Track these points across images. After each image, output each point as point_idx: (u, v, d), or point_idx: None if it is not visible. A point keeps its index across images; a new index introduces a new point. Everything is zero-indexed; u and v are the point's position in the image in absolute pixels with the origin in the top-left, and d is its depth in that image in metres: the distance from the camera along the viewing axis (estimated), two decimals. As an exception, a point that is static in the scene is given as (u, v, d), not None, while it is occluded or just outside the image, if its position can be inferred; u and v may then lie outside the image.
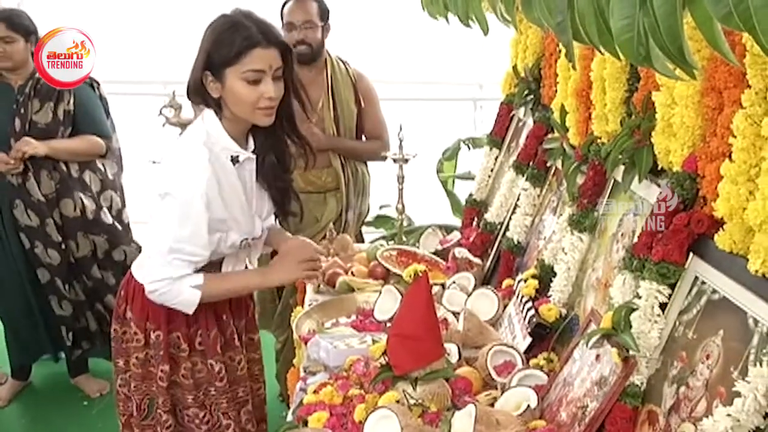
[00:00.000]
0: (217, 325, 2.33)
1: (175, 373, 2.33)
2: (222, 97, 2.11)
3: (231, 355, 2.40)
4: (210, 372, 2.34)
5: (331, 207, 3.50)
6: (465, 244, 2.81)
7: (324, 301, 2.60)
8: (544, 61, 2.58)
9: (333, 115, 3.47)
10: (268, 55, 2.07)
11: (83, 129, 3.56)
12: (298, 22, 3.36)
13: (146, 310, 2.29)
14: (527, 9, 1.26)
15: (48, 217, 3.52)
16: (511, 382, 1.91)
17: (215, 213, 2.13)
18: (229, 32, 2.08)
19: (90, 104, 3.58)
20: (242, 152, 2.18)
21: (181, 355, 2.31)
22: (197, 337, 2.32)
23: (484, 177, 3.03)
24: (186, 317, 2.27)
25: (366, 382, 1.94)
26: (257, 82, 2.07)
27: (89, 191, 3.62)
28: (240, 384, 2.44)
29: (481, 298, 2.38)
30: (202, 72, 2.10)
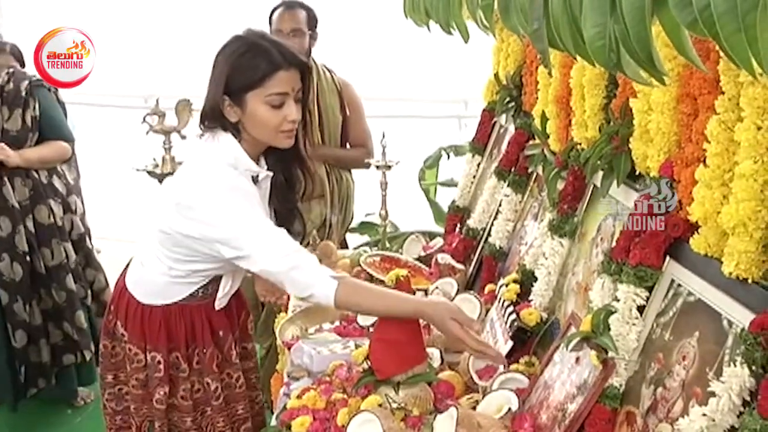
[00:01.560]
0: (213, 343, 2.29)
1: (174, 396, 2.28)
2: (241, 121, 2.06)
3: (229, 372, 2.35)
4: (206, 391, 2.30)
5: (316, 213, 3.52)
6: (448, 250, 2.83)
7: (307, 307, 2.60)
8: (525, 69, 2.61)
9: (318, 122, 3.49)
10: (291, 78, 2.03)
11: (48, 134, 3.54)
12: (286, 30, 3.37)
13: (145, 331, 2.24)
14: (505, 16, 1.28)
15: (20, 225, 3.49)
16: (492, 385, 1.93)
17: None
18: (249, 55, 2.02)
19: (53, 109, 3.57)
20: (261, 171, 2.15)
21: (180, 376, 2.26)
22: (195, 356, 2.28)
23: (466, 183, 3.05)
24: (185, 336, 2.24)
25: (349, 387, 1.95)
26: (281, 105, 2.03)
27: (59, 197, 3.61)
28: (239, 401, 2.38)
29: (463, 303, 2.39)
30: (220, 97, 2.04)
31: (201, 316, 2.25)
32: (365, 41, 4.62)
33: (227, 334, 2.33)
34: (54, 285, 3.61)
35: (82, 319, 3.68)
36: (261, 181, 2.16)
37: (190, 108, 3.43)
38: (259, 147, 2.13)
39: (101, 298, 3.89)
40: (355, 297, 1.96)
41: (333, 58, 3.70)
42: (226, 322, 2.33)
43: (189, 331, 2.25)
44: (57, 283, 3.62)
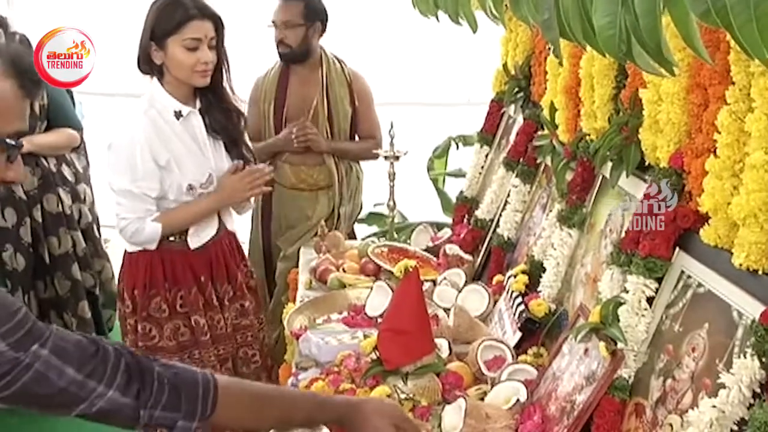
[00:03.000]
0: (196, 285, 2.63)
1: (161, 337, 2.60)
2: (164, 63, 2.50)
3: (211, 315, 2.67)
4: (194, 330, 2.61)
5: (323, 205, 3.52)
6: (456, 241, 2.82)
7: (315, 298, 2.61)
8: (533, 59, 2.60)
9: (327, 114, 3.48)
10: (203, 26, 2.47)
11: (57, 122, 3.54)
12: (279, 22, 3.39)
13: (131, 275, 2.63)
14: (515, 6, 1.28)
15: (26, 216, 3.49)
16: (500, 376, 1.92)
17: (156, 156, 2.48)
18: (170, 7, 2.47)
19: (61, 98, 3.57)
20: (184, 108, 2.55)
21: (162, 317, 2.60)
22: (178, 300, 2.62)
23: (474, 174, 3.05)
24: (165, 280, 2.60)
25: (357, 377, 1.95)
26: (195, 49, 2.46)
27: (68, 185, 3.61)
28: (221, 342, 2.69)
29: (471, 294, 2.40)
30: (147, 43, 2.49)
31: (182, 260, 2.63)
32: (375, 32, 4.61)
33: (208, 279, 2.67)
34: (58, 274, 3.61)
35: (85, 308, 3.68)
36: (186, 116, 2.56)
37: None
38: (181, 88, 2.55)
39: (107, 288, 3.89)
40: (175, 220, 2.57)
41: (343, 47, 3.69)
42: (208, 269, 2.67)
43: (170, 274, 2.62)
44: (62, 272, 3.62)
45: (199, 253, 2.65)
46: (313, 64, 3.49)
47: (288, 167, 3.54)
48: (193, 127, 2.58)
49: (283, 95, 3.53)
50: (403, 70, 4.65)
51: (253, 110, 3.61)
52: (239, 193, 2.67)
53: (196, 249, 2.64)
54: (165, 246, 2.60)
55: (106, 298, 3.92)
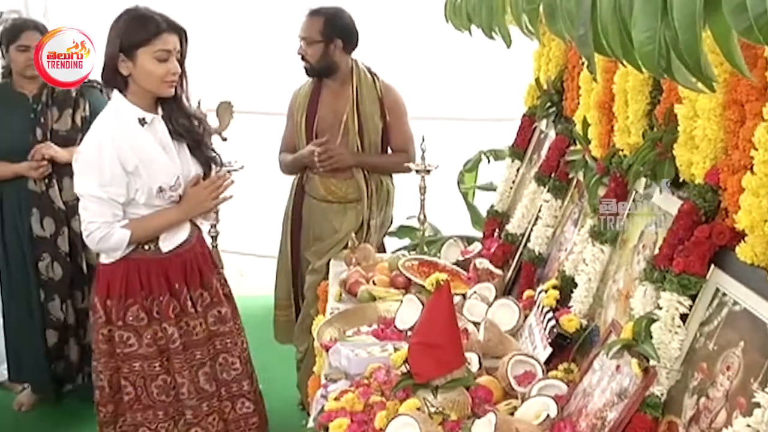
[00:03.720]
0: (169, 292, 2.71)
1: (140, 344, 2.68)
2: (132, 74, 2.58)
3: (187, 321, 2.75)
4: (165, 336, 2.70)
5: (350, 218, 3.52)
6: (486, 255, 2.82)
7: (345, 310, 2.62)
8: (566, 74, 2.60)
9: (357, 128, 3.49)
10: (172, 39, 2.58)
11: None
12: (300, 38, 3.42)
13: (106, 286, 2.68)
14: (551, 21, 1.27)
15: (64, 226, 3.54)
16: (531, 391, 1.92)
17: (124, 162, 2.55)
18: (141, 20, 2.57)
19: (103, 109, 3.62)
20: (147, 115, 2.63)
21: (141, 325, 2.68)
22: (154, 307, 2.69)
23: (505, 188, 3.04)
24: (141, 288, 2.67)
25: (387, 390, 1.95)
26: (165, 60, 2.56)
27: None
28: (198, 347, 2.78)
29: (502, 308, 2.39)
30: (116, 54, 2.56)
31: (156, 267, 2.70)
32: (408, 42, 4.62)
33: (183, 286, 2.74)
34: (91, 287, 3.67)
35: None
36: (150, 123, 2.63)
37: (232, 110, 3.45)
38: (146, 97, 2.63)
39: None
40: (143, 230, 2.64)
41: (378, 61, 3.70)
42: (182, 276, 2.74)
43: (146, 282, 2.69)
44: None
45: (173, 260, 2.73)
46: (344, 78, 3.50)
47: (318, 179, 3.55)
48: (158, 132, 2.66)
49: (314, 109, 3.55)
50: (435, 84, 4.65)
51: (289, 123, 3.65)
52: (204, 203, 2.76)
53: (168, 253, 2.71)
54: (139, 255, 2.68)
55: None
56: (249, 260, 5.59)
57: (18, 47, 3.44)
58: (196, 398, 2.77)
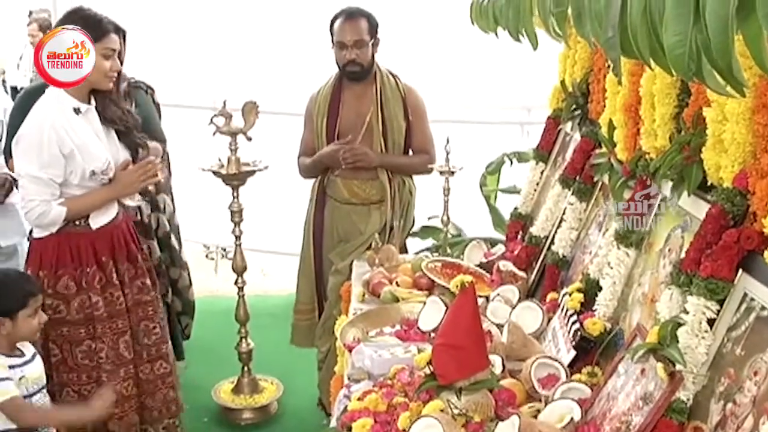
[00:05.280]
0: (96, 264, 2.92)
1: (68, 311, 2.90)
2: None
3: (111, 291, 2.97)
4: (92, 305, 2.91)
5: (375, 219, 3.53)
6: (509, 257, 2.81)
7: (368, 311, 2.62)
8: (592, 76, 2.59)
9: (381, 129, 3.50)
10: (116, 40, 2.84)
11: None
12: (350, 42, 3.39)
13: (38, 258, 2.90)
14: (578, 24, 1.27)
15: None
16: (554, 394, 1.91)
17: (61, 145, 2.74)
18: (91, 20, 2.80)
19: (149, 110, 3.67)
20: (82, 105, 2.83)
21: (70, 293, 2.89)
22: (83, 277, 2.91)
23: (529, 191, 3.03)
24: (71, 260, 2.89)
25: (410, 391, 1.96)
26: (109, 58, 2.81)
27: (147, 195, 3.69)
28: (120, 317, 2.99)
29: (525, 311, 2.39)
30: None
31: (85, 242, 2.91)
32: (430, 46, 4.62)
33: (109, 260, 2.96)
34: None
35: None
36: (84, 113, 2.84)
37: (257, 110, 3.47)
38: (82, 89, 2.82)
39: (184, 295, 3.97)
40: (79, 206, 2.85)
41: (397, 62, 3.71)
42: (109, 251, 2.96)
43: (75, 255, 2.90)
44: None
45: (101, 235, 2.95)
46: (368, 79, 3.51)
47: (340, 181, 3.56)
48: (91, 121, 2.89)
49: (335, 111, 3.55)
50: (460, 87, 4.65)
51: (308, 126, 3.65)
52: (133, 184, 2.98)
53: (98, 229, 2.93)
54: (71, 230, 2.89)
55: (184, 305, 4.00)
56: (271, 258, 5.62)
57: None
58: (114, 363, 2.99)
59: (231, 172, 3.49)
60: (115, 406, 2.95)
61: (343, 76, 3.54)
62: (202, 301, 4.22)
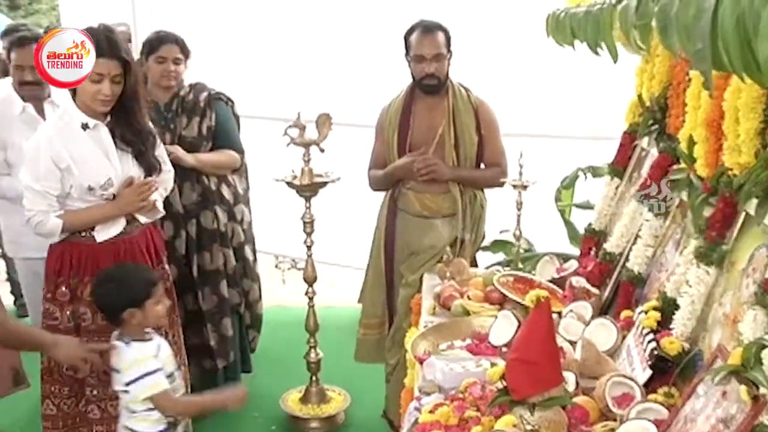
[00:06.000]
0: (91, 275, 2.92)
1: (61, 320, 2.96)
2: (76, 88, 2.85)
3: None
4: (81, 316, 2.96)
5: (445, 233, 3.51)
6: (582, 273, 2.77)
7: (439, 324, 2.62)
8: (671, 90, 2.54)
9: (453, 142, 3.49)
10: (107, 64, 2.80)
11: (221, 144, 3.73)
12: (428, 56, 3.39)
13: (46, 266, 3.00)
14: (664, 36, 1.26)
15: (182, 229, 3.66)
16: (629, 414, 1.87)
17: (57, 160, 2.82)
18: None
19: (228, 121, 3.76)
20: (91, 121, 2.89)
21: (64, 301, 2.96)
22: (79, 287, 2.95)
23: (604, 206, 2.98)
24: (70, 269, 2.95)
25: (482, 405, 1.94)
26: (98, 82, 2.80)
27: (225, 204, 3.76)
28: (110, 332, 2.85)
29: (599, 328, 2.35)
30: None
31: (87, 252, 2.95)
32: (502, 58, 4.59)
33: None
34: (206, 289, 3.75)
35: (228, 326, 3.81)
36: (93, 128, 2.90)
37: (330, 122, 3.50)
38: (89, 108, 2.89)
39: (254, 308, 4.02)
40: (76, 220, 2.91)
41: (469, 74, 3.70)
42: (111, 263, 2.94)
43: (75, 264, 2.96)
44: (210, 287, 3.75)
45: (105, 248, 2.98)
46: (441, 92, 3.51)
47: (412, 194, 3.56)
48: (101, 137, 2.93)
49: (407, 123, 3.55)
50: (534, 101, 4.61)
51: (379, 139, 3.67)
52: (132, 203, 2.99)
53: (102, 242, 2.97)
54: (74, 240, 2.96)
55: (253, 318, 4.05)
56: (338, 271, 5.65)
57: (156, 58, 3.61)
58: (99, 380, 2.95)
59: (304, 183, 3.53)
60: (99, 423, 3.02)
61: (415, 88, 3.54)
62: (270, 311, 4.27)
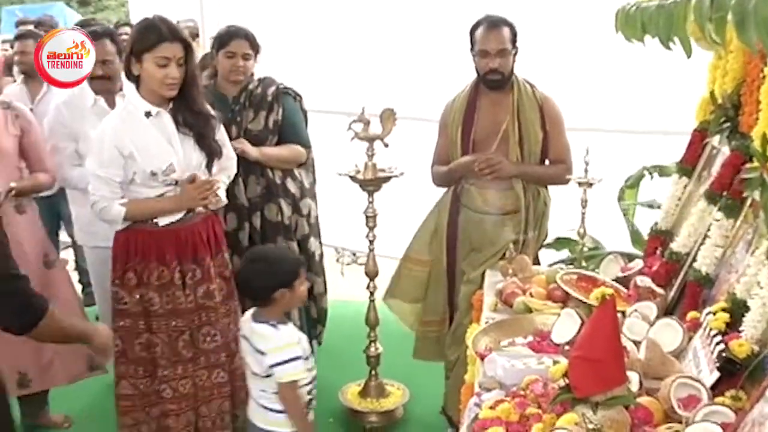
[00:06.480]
0: (157, 261, 3.08)
1: (130, 303, 3.09)
2: (140, 74, 2.98)
3: (173, 291, 3.11)
4: (149, 300, 3.08)
5: (508, 230, 3.49)
6: (648, 273, 2.73)
7: (501, 320, 2.61)
8: (744, 87, 2.48)
9: (518, 138, 3.46)
10: (172, 48, 2.93)
11: (287, 138, 3.77)
12: (493, 51, 3.37)
13: (113, 252, 3.13)
14: (740, 29, 1.23)
15: (246, 221, 3.72)
16: (695, 416, 1.84)
17: (120, 147, 2.95)
18: (147, 30, 2.95)
19: (295, 116, 3.80)
20: (154, 108, 3.01)
21: (131, 285, 3.08)
22: (144, 272, 3.08)
23: (671, 205, 2.93)
24: (135, 255, 3.08)
25: (543, 403, 1.93)
26: (165, 66, 2.92)
27: (290, 197, 3.80)
28: (180, 316, 3.12)
29: (664, 328, 2.31)
30: (129, 56, 2.97)
31: (150, 238, 3.07)
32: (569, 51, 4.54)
33: (173, 258, 3.09)
34: None
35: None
36: (156, 115, 3.02)
37: (395, 117, 3.51)
38: (153, 95, 3.01)
39: (318, 302, 4.06)
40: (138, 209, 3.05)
41: (535, 67, 3.67)
42: (174, 250, 3.09)
43: (140, 249, 3.08)
44: None
45: (167, 234, 3.09)
46: (506, 88, 3.48)
47: (475, 190, 3.54)
48: (164, 124, 3.04)
49: (471, 119, 3.54)
50: (599, 95, 4.55)
51: (442, 135, 3.66)
52: (193, 200, 3.09)
53: (164, 227, 3.09)
54: (139, 226, 3.09)
55: (318, 312, 4.09)
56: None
57: (226, 53, 3.67)
58: (170, 360, 3.14)
59: (367, 178, 3.55)
60: (172, 402, 3.17)
61: (479, 83, 3.53)
62: (331, 304, 4.30)
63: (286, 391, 2.68)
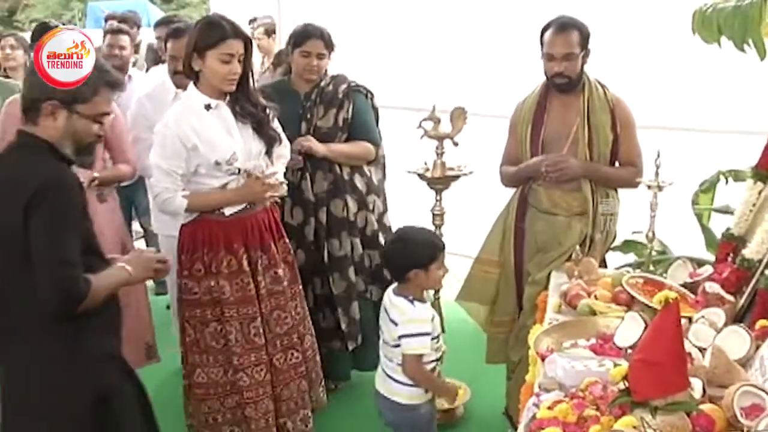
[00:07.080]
0: (225, 249, 3.16)
1: (200, 293, 3.17)
2: (201, 70, 3.08)
3: (242, 278, 3.19)
4: (219, 289, 3.16)
5: (575, 231, 3.46)
6: (717, 279, 2.68)
7: (564, 322, 2.60)
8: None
9: (588, 140, 3.43)
10: (236, 45, 3.04)
11: (357, 135, 3.81)
12: (558, 55, 3.35)
13: (182, 243, 3.22)
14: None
15: (312, 216, 3.78)
16: (758, 425, 1.80)
17: (184, 140, 3.04)
18: (212, 27, 3.06)
19: (365, 113, 3.84)
20: (213, 101, 3.11)
21: (200, 275, 3.17)
22: (213, 262, 3.16)
23: (744, 211, 2.86)
24: (203, 245, 3.16)
25: (602, 405, 1.92)
26: (228, 62, 3.03)
27: (357, 194, 3.84)
28: (250, 303, 3.21)
29: (731, 336, 2.26)
30: (191, 52, 3.07)
31: (218, 228, 3.16)
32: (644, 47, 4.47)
33: (241, 246, 3.18)
34: (335, 275, 3.85)
35: (356, 310, 3.90)
36: (215, 108, 3.12)
37: (465, 116, 3.51)
38: (212, 89, 3.11)
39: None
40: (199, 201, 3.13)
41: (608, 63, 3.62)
42: (241, 238, 3.19)
43: (207, 240, 3.16)
44: (339, 272, 3.86)
45: (234, 223, 3.19)
46: (576, 90, 3.45)
47: (543, 190, 3.52)
48: (223, 116, 3.14)
49: (540, 120, 3.52)
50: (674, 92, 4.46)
51: (512, 136, 3.64)
52: (256, 195, 3.20)
53: (230, 216, 3.18)
54: (206, 217, 3.17)
55: None
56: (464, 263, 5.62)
57: (301, 52, 3.75)
58: (244, 348, 3.21)
59: (436, 176, 3.56)
60: (249, 391, 3.23)
61: (549, 85, 3.51)
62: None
63: (410, 363, 2.83)
